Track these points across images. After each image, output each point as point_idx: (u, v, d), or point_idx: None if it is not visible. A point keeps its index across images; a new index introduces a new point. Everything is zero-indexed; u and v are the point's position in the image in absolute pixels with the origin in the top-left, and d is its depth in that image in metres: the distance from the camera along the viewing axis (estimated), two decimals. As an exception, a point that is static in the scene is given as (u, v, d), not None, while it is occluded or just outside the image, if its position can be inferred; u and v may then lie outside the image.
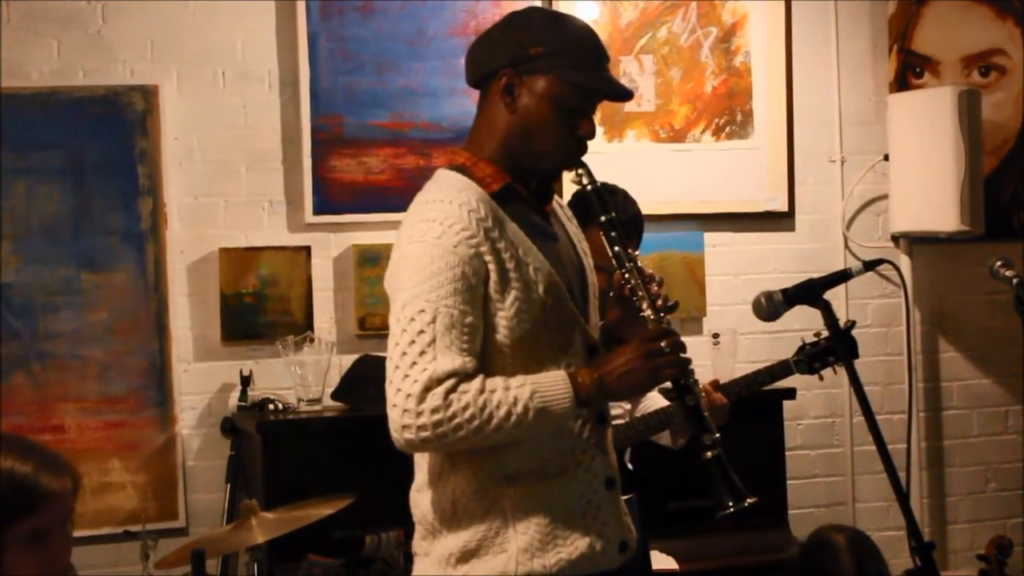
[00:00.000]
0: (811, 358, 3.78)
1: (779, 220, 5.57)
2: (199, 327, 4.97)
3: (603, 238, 2.82)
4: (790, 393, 5.06)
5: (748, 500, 2.72)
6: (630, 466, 3.98)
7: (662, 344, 2.69)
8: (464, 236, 2.64)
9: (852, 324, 3.52)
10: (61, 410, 4.79)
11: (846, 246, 5.65)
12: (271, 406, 4.79)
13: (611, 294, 3.19)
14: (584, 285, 2.87)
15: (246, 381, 4.91)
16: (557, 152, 2.78)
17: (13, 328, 4.75)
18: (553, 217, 2.89)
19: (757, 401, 4.15)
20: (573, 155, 2.80)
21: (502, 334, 2.67)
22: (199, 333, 4.97)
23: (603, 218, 2.81)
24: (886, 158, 5.60)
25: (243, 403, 4.89)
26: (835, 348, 3.64)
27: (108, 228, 4.86)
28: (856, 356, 3.43)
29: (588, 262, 2.93)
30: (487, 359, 2.66)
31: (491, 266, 2.65)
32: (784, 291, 3.14)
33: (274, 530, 3.84)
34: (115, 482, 4.83)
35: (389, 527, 4.24)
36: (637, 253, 2.84)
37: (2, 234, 4.75)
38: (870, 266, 3.26)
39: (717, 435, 2.76)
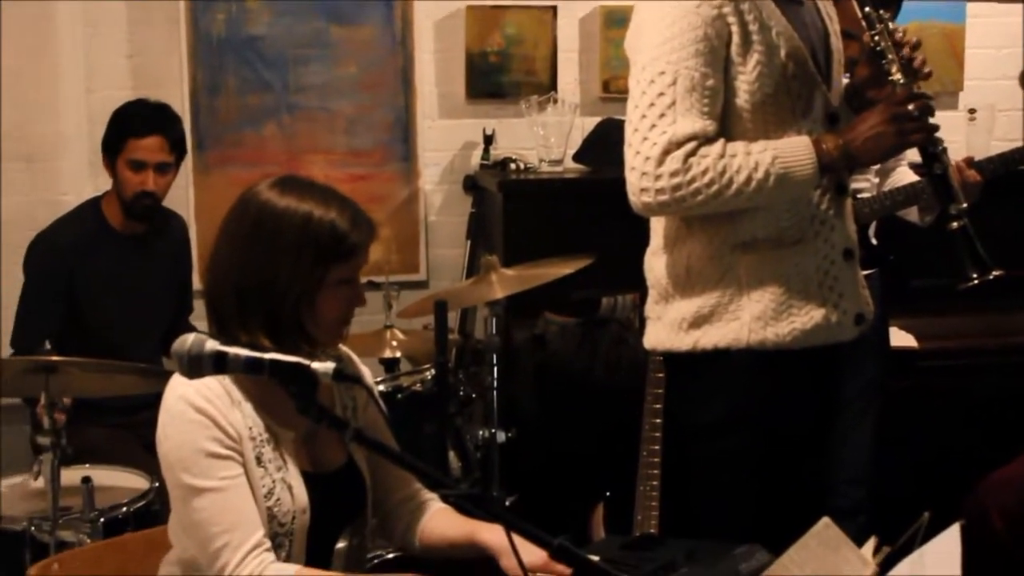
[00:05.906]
0: (1076, 136, 3.62)
1: (1050, -10, 5.29)
2: (444, 84, 4.99)
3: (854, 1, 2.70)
4: (1049, 171, 4.87)
5: (993, 272, 2.64)
6: (874, 241, 3.90)
7: (911, 108, 2.60)
8: (707, -4, 2.57)
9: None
10: (310, 161, 4.90)
11: (1122, 19, 5.33)
12: (513, 165, 4.83)
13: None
14: (828, 51, 2.78)
15: (489, 140, 4.94)
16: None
17: (265, 79, 4.85)
18: (799, -20, 2.78)
19: (1015, 179, 3.99)
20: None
21: (742, 98, 2.61)
22: (444, 90, 5.00)
23: (854, -24, 2.69)
24: None
25: (485, 161, 4.94)
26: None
27: (357, -19, 4.89)
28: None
29: (834, 27, 2.82)
30: (726, 124, 2.61)
31: (734, 28, 2.58)
32: (1054, 64, 2.97)
33: (513, 286, 3.90)
34: (361, 233, 4.93)
35: (626, 289, 4.26)
36: (890, 17, 2.70)
37: (255, -14, 4.83)
38: None
39: (964, 205, 2.68)
